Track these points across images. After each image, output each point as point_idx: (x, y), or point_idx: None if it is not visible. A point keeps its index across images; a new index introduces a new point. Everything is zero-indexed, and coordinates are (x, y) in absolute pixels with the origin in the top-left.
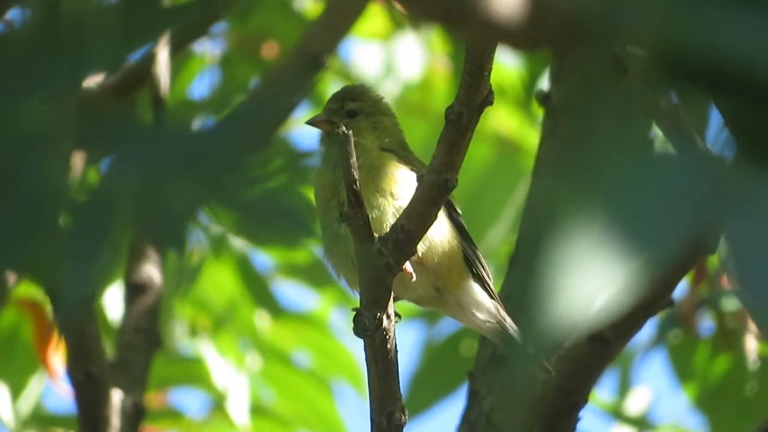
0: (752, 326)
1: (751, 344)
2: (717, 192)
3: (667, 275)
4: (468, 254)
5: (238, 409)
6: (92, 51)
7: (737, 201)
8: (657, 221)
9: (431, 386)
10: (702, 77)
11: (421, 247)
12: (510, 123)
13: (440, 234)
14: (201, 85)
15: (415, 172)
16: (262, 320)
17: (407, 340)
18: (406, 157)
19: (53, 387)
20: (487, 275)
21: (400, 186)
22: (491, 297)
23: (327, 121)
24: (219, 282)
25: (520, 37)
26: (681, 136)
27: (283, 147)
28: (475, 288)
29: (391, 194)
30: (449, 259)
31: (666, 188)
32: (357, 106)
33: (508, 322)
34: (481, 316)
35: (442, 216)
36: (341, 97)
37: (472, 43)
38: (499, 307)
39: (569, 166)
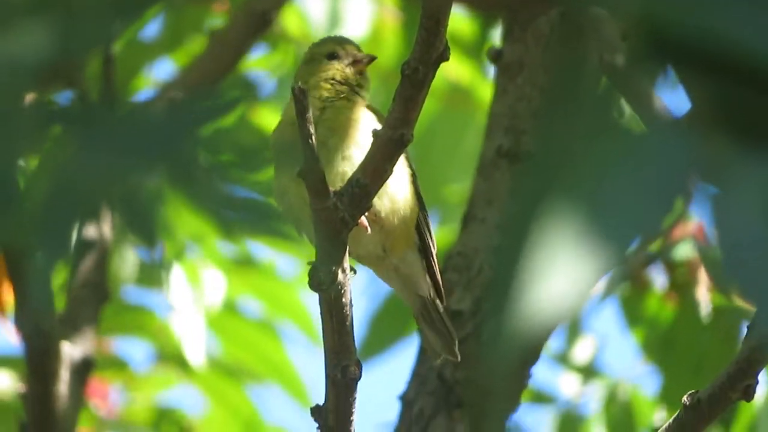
0: (704, 277)
1: (703, 296)
2: (691, 168)
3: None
4: (420, 222)
5: (194, 349)
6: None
7: (716, 178)
8: (636, 211)
9: (380, 336)
10: (681, 52)
11: (383, 206)
12: (459, 72)
13: (403, 196)
14: (151, 27)
15: None
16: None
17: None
18: (379, 112)
19: (2, 328)
20: (432, 246)
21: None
22: (429, 273)
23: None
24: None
25: None
26: (649, 109)
27: (238, 81)
28: (416, 259)
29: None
30: (405, 223)
31: (642, 171)
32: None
33: (436, 303)
34: (412, 287)
35: (406, 178)
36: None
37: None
38: (431, 285)
39: (542, 154)
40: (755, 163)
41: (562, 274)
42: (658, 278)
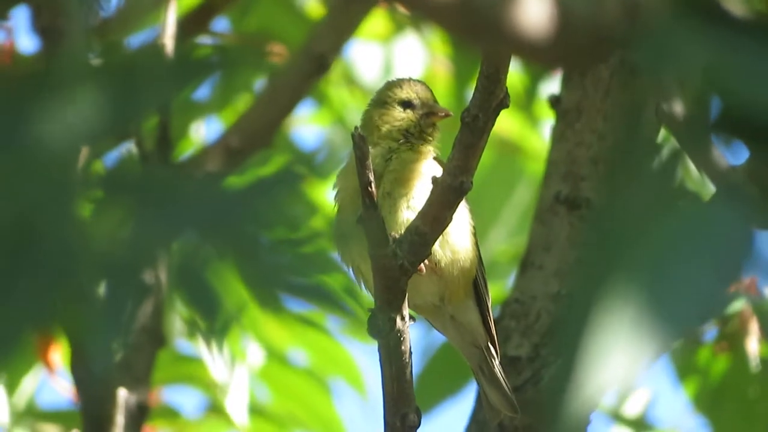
0: (754, 329)
1: (753, 347)
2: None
3: None
4: (478, 275)
5: (237, 406)
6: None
7: None
8: (699, 293)
9: (438, 385)
10: (743, 121)
11: (444, 257)
12: (510, 125)
13: (464, 248)
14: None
15: None
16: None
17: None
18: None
19: (51, 383)
20: (488, 298)
21: None
22: (484, 323)
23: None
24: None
25: (543, 52)
26: (707, 158)
27: (288, 147)
28: (472, 309)
29: None
30: (464, 274)
31: (704, 246)
32: None
33: (492, 351)
34: (467, 337)
35: (468, 230)
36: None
37: (492, 50)
38: (487, 335)
39: (605, 223)
40: None
41: (622, 354)
42: (709, 330)
